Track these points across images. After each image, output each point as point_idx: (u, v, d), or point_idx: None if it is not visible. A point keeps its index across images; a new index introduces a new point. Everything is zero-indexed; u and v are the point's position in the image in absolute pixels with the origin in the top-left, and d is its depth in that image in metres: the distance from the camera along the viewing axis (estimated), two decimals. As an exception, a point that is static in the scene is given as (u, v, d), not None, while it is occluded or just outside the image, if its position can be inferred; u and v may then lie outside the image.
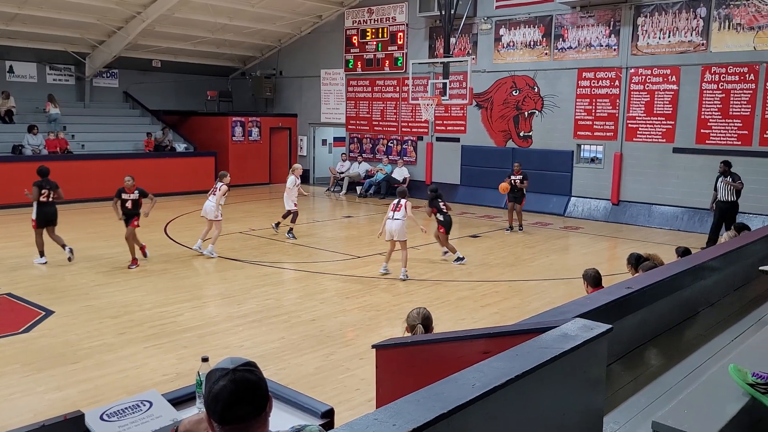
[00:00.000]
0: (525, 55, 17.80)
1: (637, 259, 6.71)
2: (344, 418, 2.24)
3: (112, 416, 2.56)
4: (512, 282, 10.44)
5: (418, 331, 4.72)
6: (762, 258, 5.43)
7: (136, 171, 19.07)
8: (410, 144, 20.75)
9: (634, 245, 12.63)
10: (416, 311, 4.90)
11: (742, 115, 14.51)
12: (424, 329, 4.75)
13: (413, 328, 4.78)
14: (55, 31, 19.05)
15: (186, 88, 23.93)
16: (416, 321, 4.79)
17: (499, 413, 2.13)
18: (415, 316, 4.84)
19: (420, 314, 4.84)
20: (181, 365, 6.65)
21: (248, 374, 1.84)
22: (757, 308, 4.68)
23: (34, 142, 18.11)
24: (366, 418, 1.85)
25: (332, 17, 21.99)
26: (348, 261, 11.67)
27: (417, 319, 4.80)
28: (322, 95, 22.99)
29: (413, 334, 4.73)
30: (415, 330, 4.75)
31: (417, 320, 4.79)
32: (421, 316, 4.82)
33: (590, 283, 6.40)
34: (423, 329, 4.73)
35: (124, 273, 10.45)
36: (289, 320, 8.24)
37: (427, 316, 4.86)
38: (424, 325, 4.77)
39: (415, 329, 4.76)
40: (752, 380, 2.63)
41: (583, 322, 2.79)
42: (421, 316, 4.81)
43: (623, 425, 2.96)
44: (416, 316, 4.83)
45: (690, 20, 15.02)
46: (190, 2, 18.56)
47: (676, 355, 3.83)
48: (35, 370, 6.50)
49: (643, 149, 15.94)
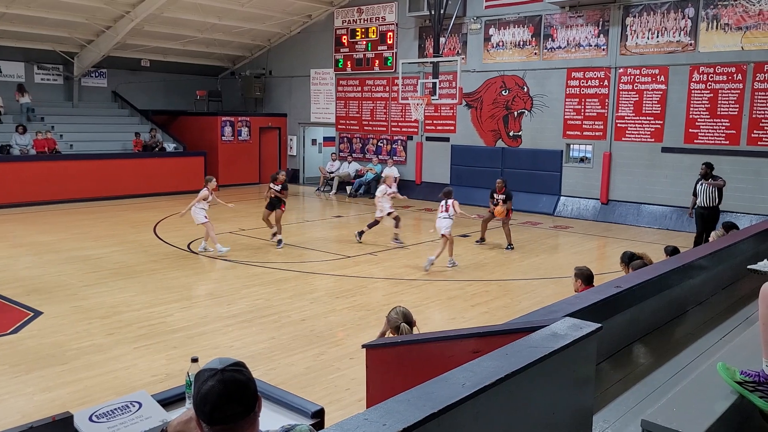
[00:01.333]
0: (514, 55, 17.84)
1: (631, 257, 6.73)
2: (334, 418, 2.24)
3: (101, 417, 2.55)
4: (502, 281, 10.46)
5: (404, 329, 4.71)
6: (750, 257, 5.47)
7: (124, 171, 19.22)
8: (400, 144, 20.75)
9: (624, 244, 12.69)
10: (395, 311, 4.89)
11: (730, 115, 14.61)
12: (409, 327, 4.74)
13: (398, 329, 4.76)
14: (43, 30, 18.92)
15: (175, 87, 23.83)
16: (399, 321, 4.78)
17: (489, 412, 2.13)
18: (395, 316, 4.82)
19: (399, 313, 4.83)
20: (170, 366, 6.62)
21: (237, 374, 1.84)
22: (746, 307, 4.70)
23: (21, 142, 17.99)
24: (356, 418, 1.85)
25: (322, 17, 21.97)
26: (338, 261, 11.66)
27: (399, 318, 4.78)
28: (311, 95, 22.96)
29: (399, 333, 4.71)
30: (401, 329, 4.73)
31: (399, 320, 4.78)
32: (401, 314, 4.81)
33: (583, 281, 6.41)
34: (408, 327, 4.72)
35: (112, 273, 10.39)
36: (279, 320, 8.22)
37: (406, 313, 4.85)
38: (408, 323, 4.76)
39: (399, 329, 4.75)
40: (740, 378, 2.65)
41: (573, 321, 2.80)
42: (401, 315, 4.80)
43: (612, 424, 2.98)
44: (396, 316, 4.82)
45: (678, 20, 15.11)
46: (179, 1, 18.48)
47: (665, 353, 3.85)
48: (23, 371, 6.45)
49: (632, 149, 16.02)
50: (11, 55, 19.88)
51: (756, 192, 14.24)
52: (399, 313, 4.83)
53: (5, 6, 17.14)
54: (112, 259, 11.31)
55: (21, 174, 17.16)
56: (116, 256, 11.62)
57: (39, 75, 20.86)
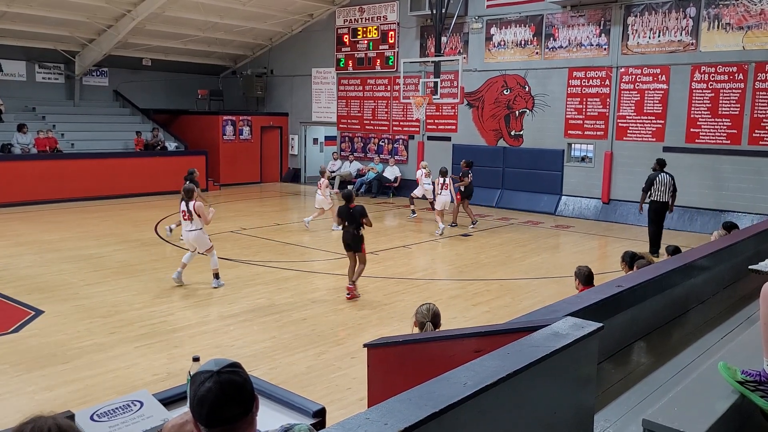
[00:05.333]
0: (516, 55, 17.83)
1: (632, 257, 6.70)
2: (336, 418, 2.24)
3: (102, 416, 2.55)
4: (503, 281, 10.45)
5: (428, 328, 4.62)
6: (751, 256, 5.46)
7: (126, 170, 19.21)
8: (401, 143, 20.74)
9: (625, 243, 12.68)
10: (425, 307, 4.77)
11: (732, 115, 14.59)
12: (434, 327, 4.67)
13: (423, 326, 4.67)
14: (44, 29, 18.92)
15: (176, 86, 23.82)
16: (426, 318, 4.67)
17: (490, 412, 2.13)
18: (425, 312, 4.70)
19: (429, 311, 4.70)
20: (171, 365, 6.63)
21: (233, 375, 1.83)
22: (747, 306, 4.70)
23: (23, 141, 17.99)
24: (358, 417, 1.85)
25: (323, 16, 21.95)
26: (340, 260, 11.64)
27: (426, 316, 4.67)
28: (313, 94, 22.94)
29: (422, 331, 4.63)
30: (425, 327, 4.64)
31: (427, 317, 4.67)
32: (431, 313, 4.69)
33: (582, 281, 6.40)
34: (432, 327, 4.65)
35: (114, 272, 10.39)
36: (281, 319, 8.22)
37: (437, 313, 4.73)
38: (434, 323, 4.66)
39: (424, 327, 4.67)
40: (741, 378, 2.65)
41: (574, 320, 2.80)
42: (431, 314, 4.68)
43: (614, 423, 2.98)
44: (425, 312, 4.70)
45: (680, 20, 15.09)
46: (180, 1, 18.47)
47: (666, 353, 3.85)
48: (25, 371, 6.46)
49: (634, 148, 16.00)
50: (13, 54, 19.88)
51: (757, 192, 14.22)
52: (429, 311, 4.70)
53: (6, 5, 17.14)
54: (113, 258, 11.31)
55: (22, 173, 17.16)
56: (118, 255, 11.62)
57: (40, 74, 20.86)
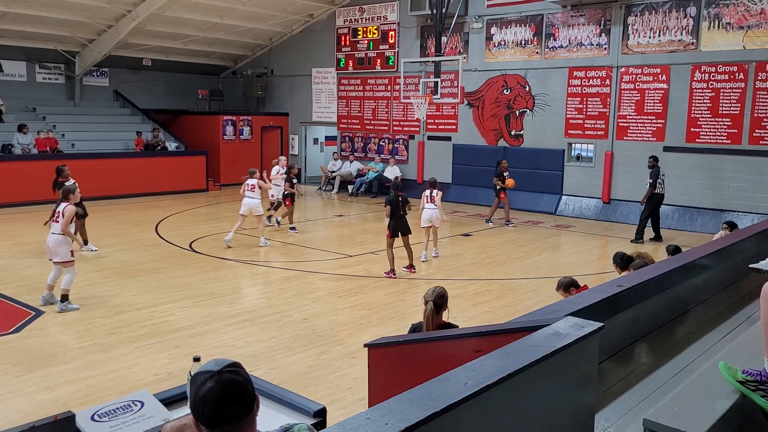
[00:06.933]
0: (516, 54, 17.83)
1: (622, 258, 6.64)
2: (336, 417, 2.24)
3: (103, 416, 2.55)
4: (504, 280, 10.45)
5: (428, 308, 4.72)
6: (752, 255, 5.46)
7: (126, 170, 19.21)
8: (402, 143, 20.74)
9: (625, 243, 12.69)
10: (431, 289, 4.90)
11: (732, 114, 14.59)
12: (436, 307, 4.74)
13: (426, 303, 4.79)
14: (44, 29, 18.92)
15: (177, 86, 23.82)
16: (429, 298, 4.78)
17: (491, 412, 2.13)
18: (430, 293, 4.84)
19: (434, 292, 4.82)
20: (172, 365, 6.63)
21: (234, 375, 1.83)
22: (747, 306, 4.70)
23: (23, 141, 17.99)
24: (358, 417, 1.85)
25: (323, 16, 21.96)
26: (340, 260, 11.66)
27: (431, 296, 4.79)
28: (313, 94, 22.95)
29: (425, 309, 4.74)
30: (426, 306, 4.75)
31: (431, 297, 4.78)
32: (435, 294, 4.80)
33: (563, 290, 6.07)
34: (433, 306, 4.73)
35: (114, 273, 10.39)
36: (281, 319, 8.22)
37: (442, 294, 4.83)
38: (437, 303, 4.76)
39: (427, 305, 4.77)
40: (742, 377, 2.65)
41: (575, 320, 2.80)
42: (435, 294, 4.80)
43: (614, 423, 2.98)
44: (431, 293, 4.83)
45: (680, 19, 15.09)
46: (180, 1, 18.48)
47: (667, 352, 3.85)
48: (25, 371, 6.46)
49: (634, 148, 16.00)
50: (13, 54, 19.88)
51: (757, 191, 14.22)
52: (434, 292, 4.82)
53: (7, 5, 17.14)
54: (113, 259, 11.31)
55: (23, 173, 17.15)
56: (118, 255, 11.63)
57: (41, 74, 20.86)
